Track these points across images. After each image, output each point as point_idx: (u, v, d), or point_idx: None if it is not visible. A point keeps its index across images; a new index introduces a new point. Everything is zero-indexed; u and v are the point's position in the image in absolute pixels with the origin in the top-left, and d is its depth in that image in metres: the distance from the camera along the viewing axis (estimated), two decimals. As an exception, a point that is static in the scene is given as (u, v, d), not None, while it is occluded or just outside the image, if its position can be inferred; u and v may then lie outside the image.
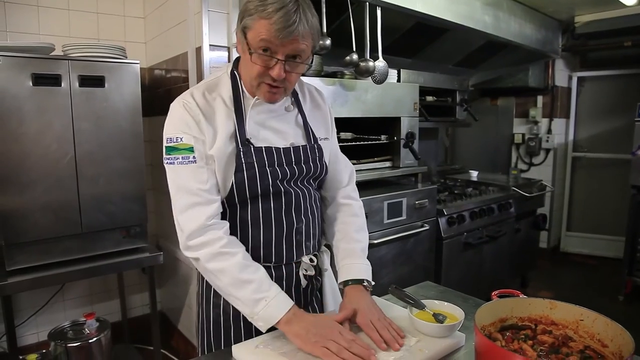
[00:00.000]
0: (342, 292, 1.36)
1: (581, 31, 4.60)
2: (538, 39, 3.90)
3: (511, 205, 3.71)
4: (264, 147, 1.25)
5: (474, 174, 4.40)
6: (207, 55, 2.35)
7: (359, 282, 1.34)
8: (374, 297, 1.42)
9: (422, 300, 1.26)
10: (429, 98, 3.70)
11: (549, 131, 5.09)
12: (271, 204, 1.27)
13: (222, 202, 1.24)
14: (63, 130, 2.25)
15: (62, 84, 2.22)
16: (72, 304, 3.01)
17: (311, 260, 1.37)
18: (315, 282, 1.44)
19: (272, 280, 1.27)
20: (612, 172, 5.12)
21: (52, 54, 2.31)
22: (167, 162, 1.21)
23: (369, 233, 2.52)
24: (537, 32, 3.89)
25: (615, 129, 5.05)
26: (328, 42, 2.37)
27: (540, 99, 5.08)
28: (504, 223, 3.62)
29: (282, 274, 1.32)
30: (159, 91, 2.97)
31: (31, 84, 2.13)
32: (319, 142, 1.39)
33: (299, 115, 1.37)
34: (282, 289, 1.29)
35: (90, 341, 2.48)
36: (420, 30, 3.00)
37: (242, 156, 1.21)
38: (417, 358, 1.06)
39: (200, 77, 2.39)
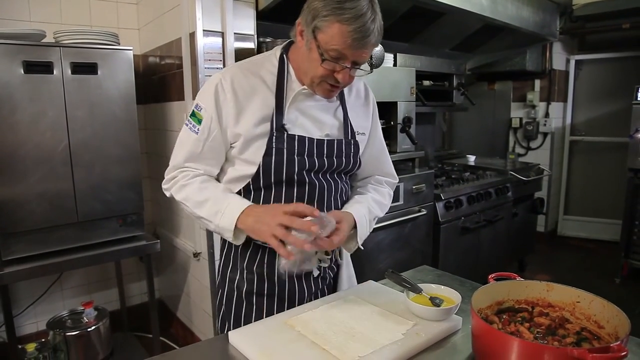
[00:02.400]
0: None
1: (579, 13, 4.56)
2: (536, 22, 3.87)
3: (508, 190, 3.71)
4: (298, 135, 1.26)
5: (472, 159, 4.39)
6: (201, 40, 2.32)
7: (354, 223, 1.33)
8: (371, 281, 1.44)
9: (418, 284, 1.25)
10: (426, 82, 3.68)
11: (547, 115, 5.07)
12: (294, 192, 1.28)
13: (248, 184, 1.29)
14: (56, 118, 2.22)
15: (54, 72, 2.19)
16: (70, 293, 3.02)
17: (327, 253, 1.38)
18: (329, 271, 1.45)
19: None
20: (609, 155, 5.12)
21: (44, 41, 2.28)
22: (185, 122, 1.32)
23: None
24: (535, 14, 3.85)
25: (612, 112, 5.04)
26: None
27: (537, 82, 5.06)
28: (502, 207, 3.62)
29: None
30: (153, 78, 2.94)
31: (22, 71, 2.10)
32: (357, 137, 1.39)
33: (340, 108, 1.37)
34: (293, 275, 1.34)
35: (88, 330, 2.50)
36: (416, 14, 2.96)
37: (273, 140, 1.23)
38: (414, 342, 1.06)
39: (194, 64, 2.36)
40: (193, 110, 1.30)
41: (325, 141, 1.31)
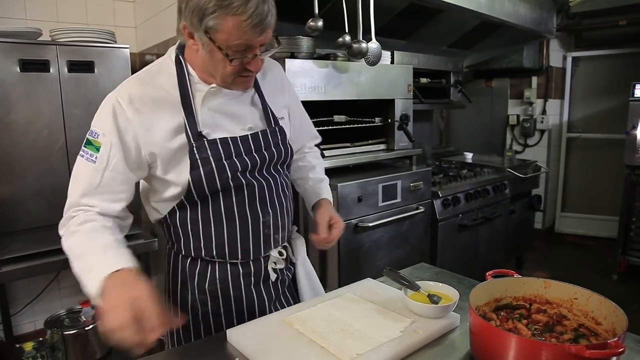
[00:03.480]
0: (315, 206, 1.49)
1: (576, 10, 4.57)
2: (532, 19, 3.87)
3: (506, 187, 3.71)
4: (219, 138, 1.18)
5: (469, 156, 4.40)
6: (198, 38, 2.31)
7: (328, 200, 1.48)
8: (369, 278, 1.44)
9: (416, 282, 1.25)
10: (423, 80, 3.67)
11: (544, 112, 5.08)
12: (233, 198, 1.21)
13: (181, 200, 1.19)
14: (53, 116, 2.22)
15: (51, 70, 2.19)
16: (67, 292, 3.01)
17: (280, 253, 1.33)
18: (287, 272, 1.40)
19: (239, 277, 1.26)
20: (606, 152, 5.13)
21: (40, 39, 2.27)
22: (80, 153, 1.15)
23: (363, 216, 2.53)
24: (532, 11, 3.85)
25: (609, 109, 5.05)
26: (320, 23, 2.33)
27: (534, 79, 5.06)
28: (499, 204, 3.63)
29: (250, 270, 1.28)
30: (150, 76, 2.93)
31: (19, 69, 2.10)
32: (280, 123, 1.32)
33: (256, 95, 1.28)
34: (250, 285, 1.29)
35: (86, 328, 2.49)
36: (413, 11, 2.96)
37: (195, 152, 1.14)
38: (412, 339, 1.06)
39: (191, 61, 2.35)
40: (88, 139, 1.14)
41: (250, 136, 1.23)
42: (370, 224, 2.53)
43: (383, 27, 2.96)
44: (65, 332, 2.44)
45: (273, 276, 1.32)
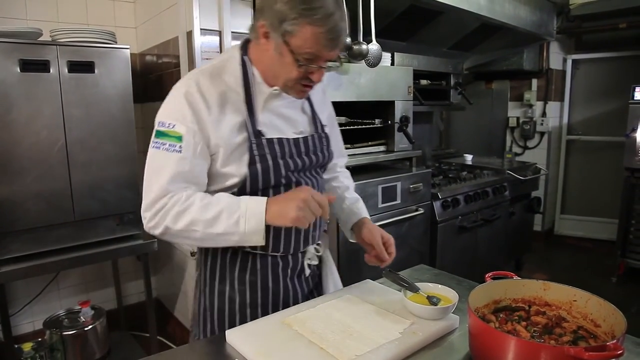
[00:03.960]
0: (355, 225, 1.49)
1: (576, 13, 4.57)
2: (533, 21, 3.87)
3: (506, 189, 3.71)
4: (276, 138, 1.24)
5: (469, 158, 4.40)
6: (198, 39, 2.31)
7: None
8: (368, 280, 1.45)
9: (416, 283, 1.25)
10: (423, 81, 3.68)
11: (544, 114, 5.08)
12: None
13: (233, 193, 1.21)
14: (53, 117, 2.22)
15: (51, 70, 2.19)
16: (67, 293, 3.01)
17: (316, 249, 1.41)
18: (317, 269, 1.46)
19: (278, 270, 1.32)
20: (606, 154, 5.13)
21: (40, 39, 2.27)
22: (153, 146, 1.16)
23: (364, 217, 2.52)
24: (532, 14, 3.86)
25: (609, 112, 5.05)
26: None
27: (534, 82, 5.06)
28: (499, 206, 3.63)
29: (288, 263, 1.34)
30: (151, 77, 2.94)
31: (19, 70, 2.10)
32: (325, 130, 1.40)
33: (306, 102, 1.37)
34: (287, 277, 1.34)
35: (85, 329, 2.49)
36: (414, 13, 2.96)
37: (254, 148, 1.19)
38: (411, 341, 1.06)
39: (191, 62, 2.36)
40: (160, 131, 1.16)
41: (301, 139, 1.30)
42: (370, 226, 2.53)
43: (383, 28, 2.96)
44: (64, 333, 2.43)
45: (307, 271, 1.39)
